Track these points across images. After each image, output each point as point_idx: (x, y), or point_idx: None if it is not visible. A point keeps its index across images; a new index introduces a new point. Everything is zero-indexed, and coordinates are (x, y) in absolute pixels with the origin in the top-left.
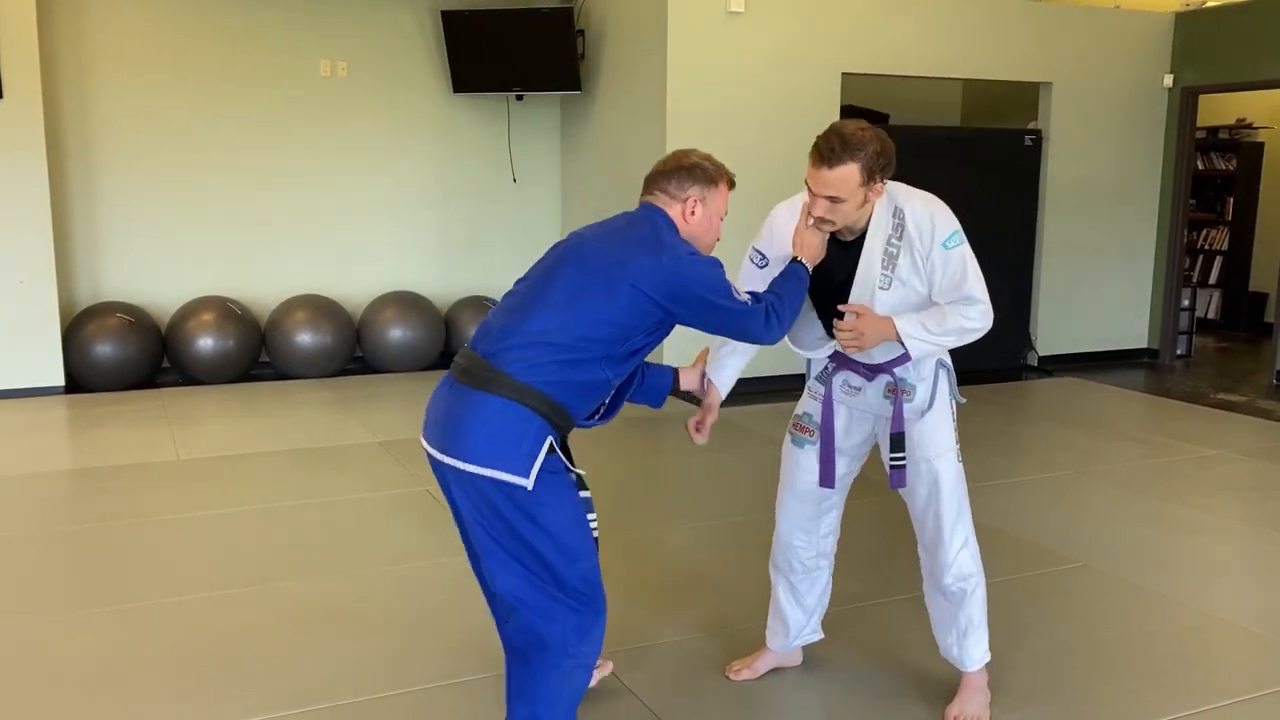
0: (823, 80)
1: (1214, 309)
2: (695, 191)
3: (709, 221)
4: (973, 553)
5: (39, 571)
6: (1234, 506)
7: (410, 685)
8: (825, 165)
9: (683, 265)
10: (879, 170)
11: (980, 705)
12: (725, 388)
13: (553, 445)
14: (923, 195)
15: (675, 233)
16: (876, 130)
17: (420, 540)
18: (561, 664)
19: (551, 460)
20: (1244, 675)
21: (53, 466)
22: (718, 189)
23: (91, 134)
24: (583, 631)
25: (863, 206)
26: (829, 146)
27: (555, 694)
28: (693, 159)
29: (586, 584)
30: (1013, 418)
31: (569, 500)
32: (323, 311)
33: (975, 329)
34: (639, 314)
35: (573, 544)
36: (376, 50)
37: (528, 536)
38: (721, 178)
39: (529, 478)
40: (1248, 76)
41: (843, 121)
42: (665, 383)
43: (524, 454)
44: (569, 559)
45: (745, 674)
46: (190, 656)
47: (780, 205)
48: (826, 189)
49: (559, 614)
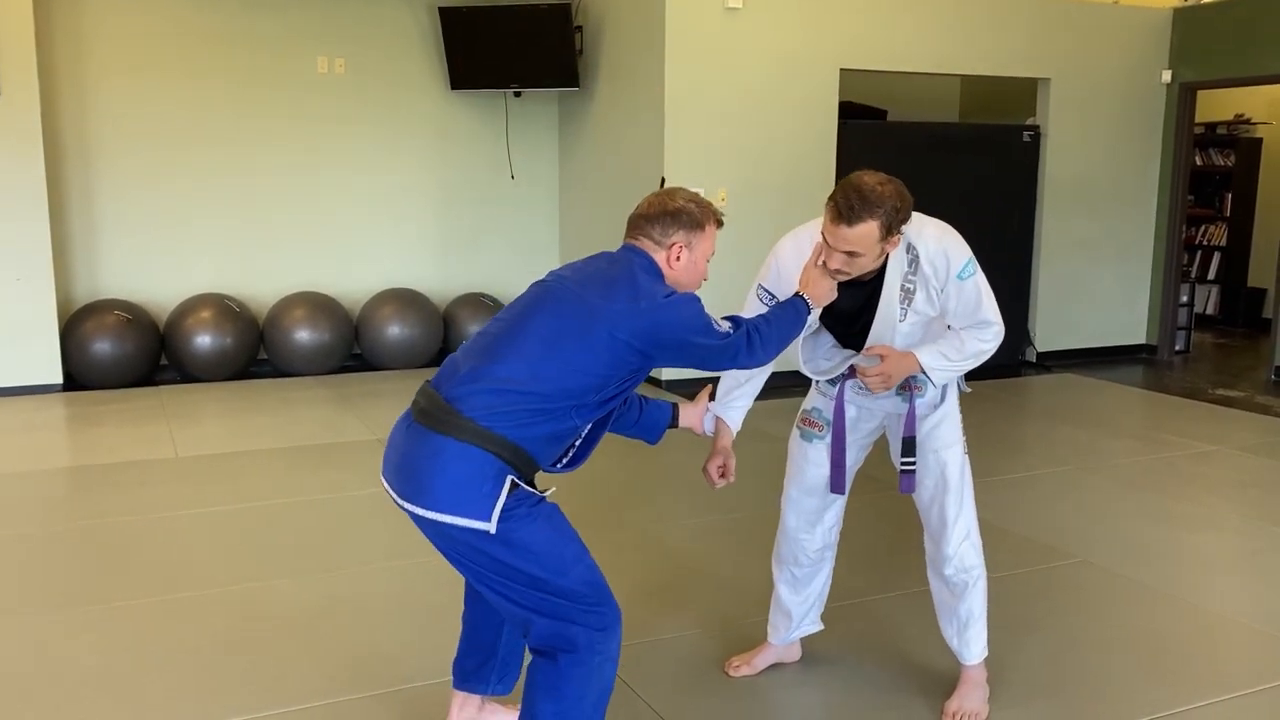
0: (821, 76)
1: (1212, 304)
2: (680, 237)
3: (694, 266)
4: (975, 545)
5: (38, 569)
6: (1233, 502)
7: (408, 682)
8: (844, 223)
9: (660, 310)
10: (897, 225)
11: (979, 700)
12: (737, 426)
13: (515, 484)
14: (934, 227)
15: (656, 276)
16: (896, 184)
17: (417, 537)
18: (590, 660)
19: (515, 497)
20: (1244, 670)
21: (51, 464)
22: (704, 232)
23: (89, 131)
24: (604, 627)
25: (879, 258)
26: (848, 204)
27: (584, 689)
28: (678, 202)
29: (588, 585)
30: (1012, 414)
31: (541, 519)
32: (321, 309)
33: (991, 349)
34: (616, 363)
35: (557, 555)
36: (374, 47)
37: (510, 562)
38: (708, 220)
39: (490, 521)
40: (1246, 72)
41: (860, 176)
42: (664, 419)
43: (484, 496)
44: (559, 571)
45: (745, 670)
46: (189, 653)
47: (785, 240)
48: (845, 245)
49: (576, 616)
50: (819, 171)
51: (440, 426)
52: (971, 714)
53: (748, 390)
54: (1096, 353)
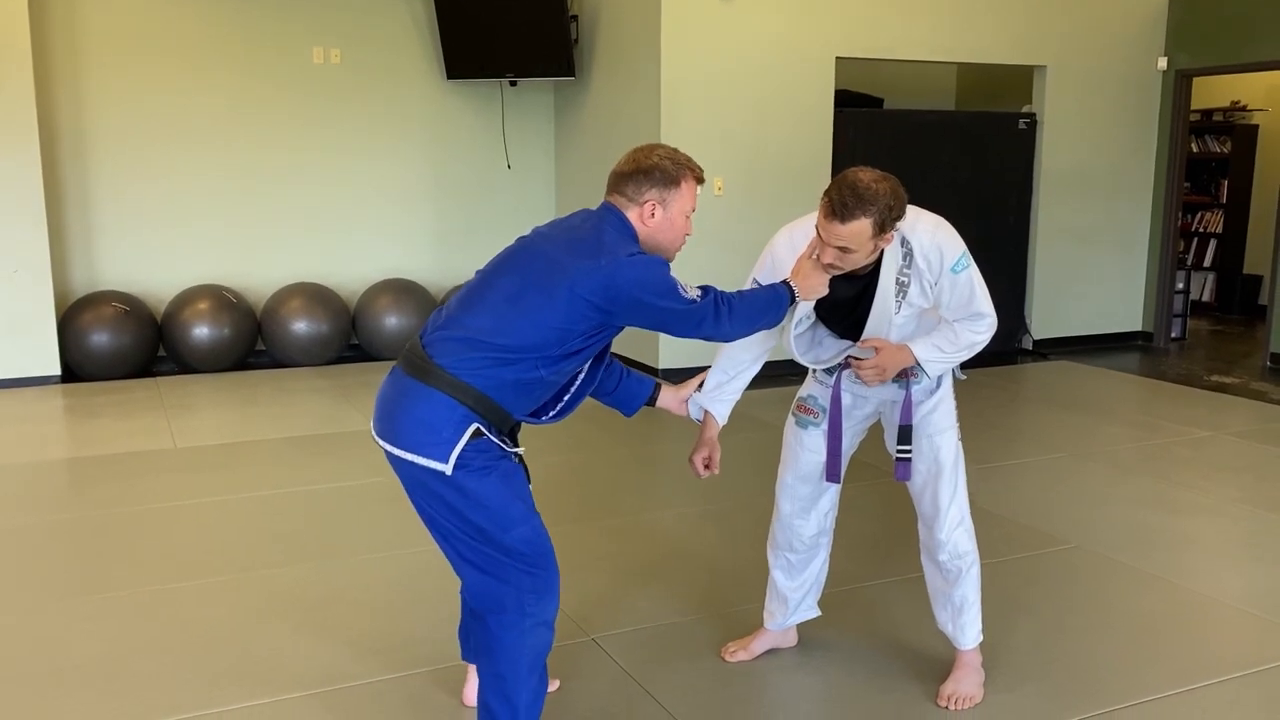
0: (817, 65)
1: (1208, 292)
2: (653, 194)
3: (670, 223)
4: (969, 531)
5: (37, 560)
6: (1227, 488)
7: (407, 669)
8: (838, 220)
9: (621, 269)
10: (890, 222)
11: (974, 684)
12: (723, 419)
13: (480, 431)
14: (928, 221)
15: (627, 235)
16: (891, 181)
17: (416, 526)
18: (520, 624)
19: (477, 445)
20: (1236, 653)
21: (50, 456)
22: (679, 189)
23: (85, 123)
24: (538, 591)
25: (873, 254)
26: (842, 201)
27: (517, 652)
28: (653, 159)
29: (529, 545)
30: (1008, 401)
31: (497, 474)
32: (318, 299)
33: (984, 341)
34: (576, 318)
35: (504, 511)
36: (369, 37)
37: (461, 509)
38: (684, 176)
39: (447, 463)
40: (1241, 59)
41: (856, 173)
42: (643, 393)
43: (444, 440)
44: (503, 527)
45: (741, 655)
46: (190, 641)
47: (781, 234)
48: (838, 240)
49: (510, 576)
50: (815, 160)
51: (416, 373)
52: (967, 697)
53: (736, 385)
54: (1093, 340)
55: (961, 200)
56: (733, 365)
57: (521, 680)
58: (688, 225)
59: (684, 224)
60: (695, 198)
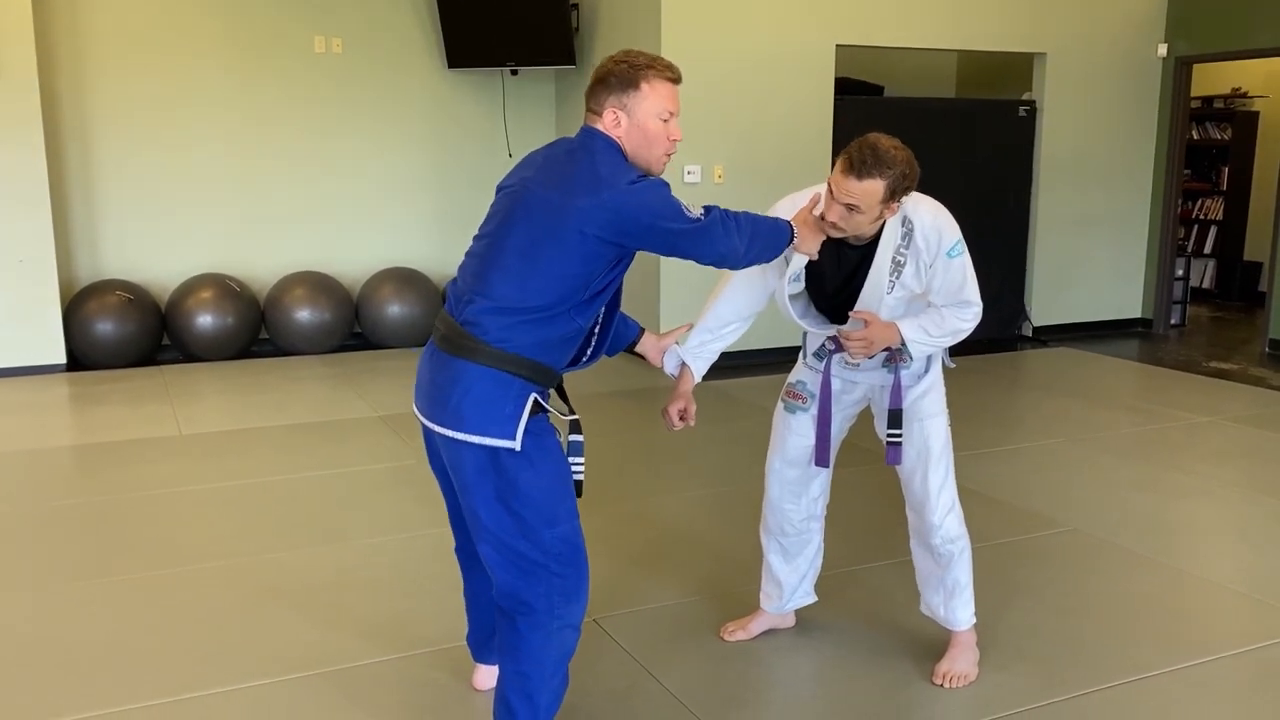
0: (817, 52)
1: (1209, 278)
2: (613, 101)
3: (642, 129)
4: (959, 516)
5: (46, 544)
6: (1224, 472)
7: (408, 650)
8: (854, 175)
9: (623, 199)
10: (901, 191)
11: (969, 663)
12: (700, 374)
13: (538, 403)
14: (929, 205)
15: (615, 156)
16: (908, 152)
17: (419, 511)
18: (548, 625)
19: (536, 421)
20: (1229, 633)
21: (56, 442)
22: (639, 91)
23: (88, 112)
24: (567, 593)
25: (875, 221)
26: (861, 158)
27: (542, 653)
28: (608, 65)
29: (567, 546)
30: (1007, 387)
31: (552, 463)
32: (321, 288)
33: (968, 329)
34: (593, 257)
35: (552, 507)
36: (371, 26)
37: (509, 500)
38: (643, 76)
39: (515, 439)
40: (1242, 45)
41: (878, 136)
42: (628, 337)
43: (507, 417)
44: (548, 522)
45: (739, 635)
46: (200, 623)
47: (783, 201)
48: (848, 197)
49: (541, 576)
50: (816, 147)
51: (460, 351)
52: (961, 675)
53: (717, 345)
54: (1092, 327)
55: (962, 188)
56: (719, 324)
57: (545, 680)
58: (668, 129)
59: (658, 128)
60: (667, 99)
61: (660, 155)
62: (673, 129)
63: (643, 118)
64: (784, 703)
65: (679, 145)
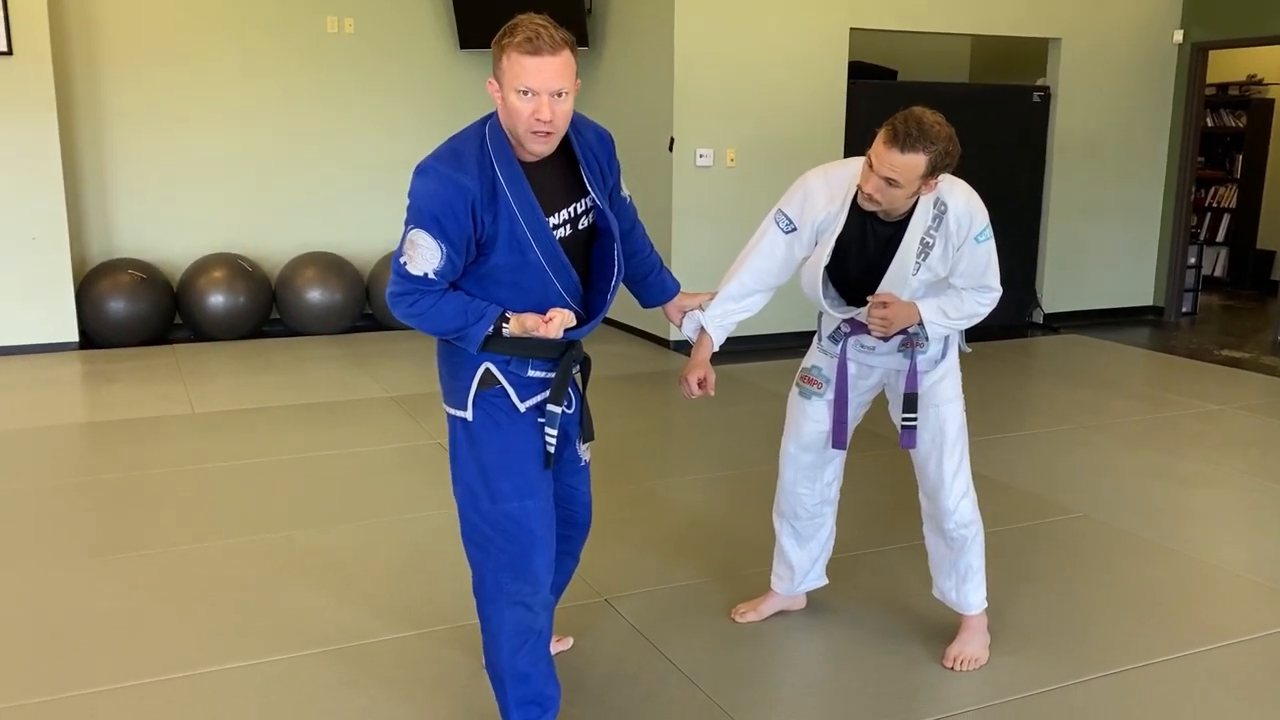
0: (831, 36)
1: (1221, 267)
2: (493, 79)
3: (504, 104)
4: (973, 501)
5: (64, 519)
6: (1234, 460)
7: (422, 627)
8: (897, 147)
9: (412, 186)
10: (941, 168)
11: (980, 646)
12: (718, 343)
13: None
14: (964, 188)
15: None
16: (950, 129)
17: (429, 491)
18: (496, 599)
19: (492, 392)
20: (1235, 619)
21: (70, 420)
22: (500, 66)
23: (101, 93)
24: (515, 570)
25: (910, 197)
26: (906, 131)
27: (498, 627)
28: None
29: (511, 522)
30: (1018, 374)
31: (502, 438)
32: (332, 269)
33: (985, 313)
34: None
35: (496, 482)
36: (382, 7)
37: (466, 467)
38: (502, 50)
39: (466, 409)
40: (1258, 32)
41: (923, 111)
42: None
43: (460, 388)
44: (490, 496)
45: (751, 616)
46: (216, 598)
47: (815, 171)
48: (889, 170)
49: (489, 549)
50: (828, 131)
51: None
52: (972, 659)
53: (737, 316)
54: (1103, 314)
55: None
56: (742, 292)
57: (505, 657)
58: (529, 105)
59: (518, 103)
60: (531, 74)
61: (524, 133)
62: (538, 106)
63: (505, 93)
64: (794, 683)
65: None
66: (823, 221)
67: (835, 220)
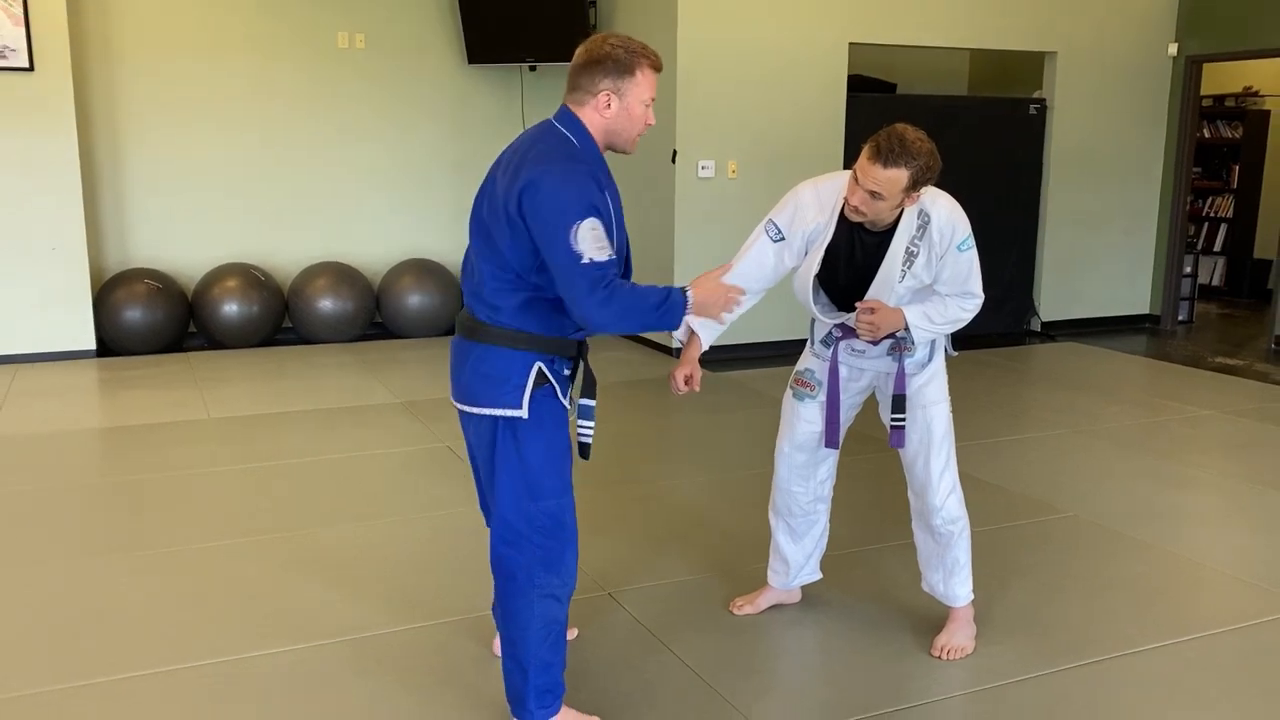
0: (830, 50)
1: (1218, 276)
2: (608, 84)
3: (627, 112)
4: (959, 498)
5: (80, 519)
6: (1222, 462)
7: (434, 619)
8: (880, 163)
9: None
10: (922, 181)
11: (966, 636)
12: (708, 343)
13: (544, 374)
14: (946, 200)
15: (581, 141)
16: (932, 144)
17: (441, 492)
18: (528, 593)
19: (542, 392)
20: (1215, 612)
21: (90, 424)
22: (634, 78)
23: (119, 107)
24: (548, 564)
25: (895, 209)
26: (889, 147)
27: (526, 620)
28: (605, 48)
29: (550, 520)
30: (1014, 381)
31: (549, 436)
32: (343, 278)
33: (968, 318)
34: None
35: (541, 480)
36: (393, 23)
37: (511, 467)
38: (638, 64)
39: (521, 408)
40: (1252, 45)
41: (904, 128)
42: None
43: (514, 388)
44: (534, 494)
45: (747, 609)
46: (227, 594)
47: (806, 183)
48: (873, 184)
49: (524, 547)
50: (828, 144)
51: (472, 335)
52: (959, 649)
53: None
54: (1101, 323)
55: (973, 184)
56: None
57: (531, 648)
58: (648, 115)
59: (643, 113)
60: (653, 87)
61: (635, 136)
62: (650, 114)
63: (631, 102)
64: (790, 672)
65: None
66: (812, 231)
67: (825, 230)
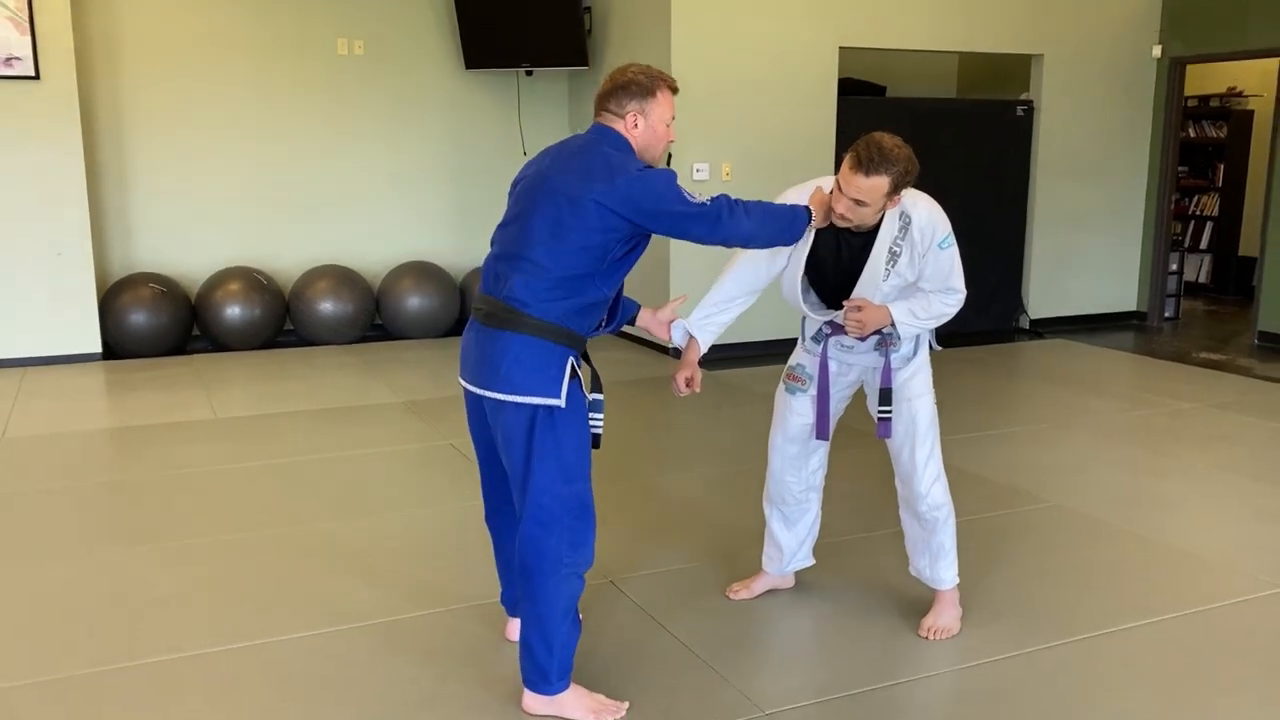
0: (821, 54)
1: (1204, 273)
2: (634, 106)
3: (653, 131)
4: (944, 485)
5: (95, 514)
6: (1201, 453)
7: (446, 605)
8: (861, 172)
9: (635, 182)
10: (902, 185)
11: (952, 618)
12: (706, 345)
13: (574, 367)
14: (926, 200)
15: (625, 150)
16: (909, 150)
17: (444, 488)
18: (557, 571)
19: (573, 383)
20: (1190, 594)
21: (99, 425)
22: (655, 99)
23: (123, 113)
24: (575, 543)
25: (878, 213)
26: (869, 156)
27: (554, 596)
28: (628, 75)
29: (578, 502)
30: (1001, 377)
31: (580, 423)
32: (344, 281)
33: (952, 313)
34: (609, 228)
35: (574, 465)
36: (391, 29)
37: (547, 453)
38: (659, 87)
39: (561, 398)
40: (1235, 46)
41: (882, 136)
42: (628, 313)
43: (552, 379)
44: (568, 478)
45: (743, 594)
46: (245, 582)
47: (791, 190)
48: (855, 192)
49: (555, 528)
50: (820, 147)
51: (506, 324)
52: (945, 629)
53: (723, 318)
54: (1088, 320)
55: (962, 184)
56: (725, 299)
57: (557, 623)
58: (669, 132)
59: (665, 130)
60: (672, 106)
61: (661, 152)
62: (671, 131)
63: (655, 121)
64: (784, 652)
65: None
66: None
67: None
